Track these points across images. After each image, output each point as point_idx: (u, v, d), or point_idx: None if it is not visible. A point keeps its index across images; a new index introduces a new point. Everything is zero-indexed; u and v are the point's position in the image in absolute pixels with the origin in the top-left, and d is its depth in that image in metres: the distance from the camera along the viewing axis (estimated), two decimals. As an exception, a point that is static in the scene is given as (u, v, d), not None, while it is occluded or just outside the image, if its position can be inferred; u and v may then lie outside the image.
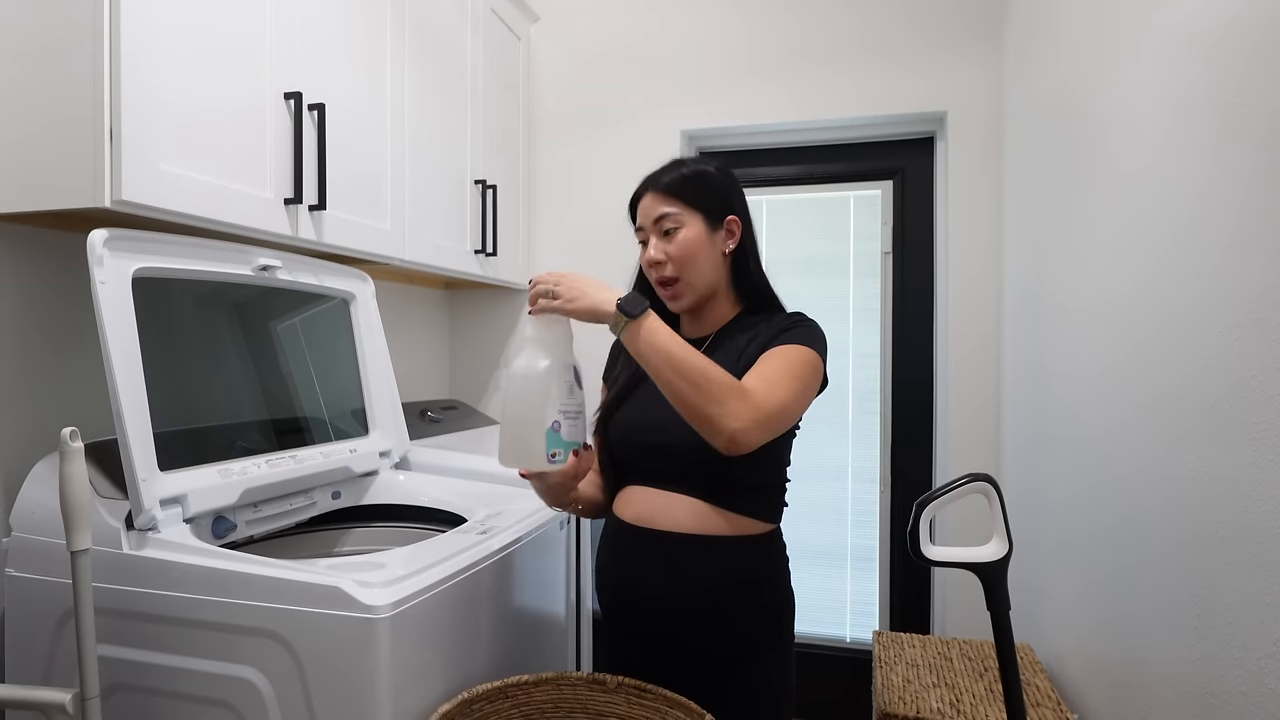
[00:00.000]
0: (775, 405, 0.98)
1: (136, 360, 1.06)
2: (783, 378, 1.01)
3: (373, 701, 0.94)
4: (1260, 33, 0.86)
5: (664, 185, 1.13)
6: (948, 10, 2.17)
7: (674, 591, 1.10)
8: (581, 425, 1.06)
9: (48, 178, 1.07)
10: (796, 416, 1.04)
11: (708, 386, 0.94)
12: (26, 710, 0.90)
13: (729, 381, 0.96)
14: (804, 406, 1.05)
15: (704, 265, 1.13)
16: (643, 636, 1.14)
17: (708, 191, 1.13)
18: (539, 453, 1.01)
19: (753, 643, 1.11)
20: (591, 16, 2.44)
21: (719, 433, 0.95)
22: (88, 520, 0.91)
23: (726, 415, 0.94)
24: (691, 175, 1.14)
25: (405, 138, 1.74)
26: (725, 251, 1.15)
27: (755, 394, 0.97)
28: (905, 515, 2.25)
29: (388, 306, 2.10)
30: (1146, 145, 1.17)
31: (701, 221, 1.12)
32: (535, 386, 1.01)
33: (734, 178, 1.19)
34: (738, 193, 1.18)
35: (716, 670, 1.10)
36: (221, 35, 1.22)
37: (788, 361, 1.03)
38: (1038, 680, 1.52)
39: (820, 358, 1.08)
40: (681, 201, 1.12)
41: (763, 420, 0.96)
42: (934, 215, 2.28)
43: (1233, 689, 0.90)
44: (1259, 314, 0.85)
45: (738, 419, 0.94)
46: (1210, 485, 0.96)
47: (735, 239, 1.15)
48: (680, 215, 1.12)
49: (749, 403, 0.95)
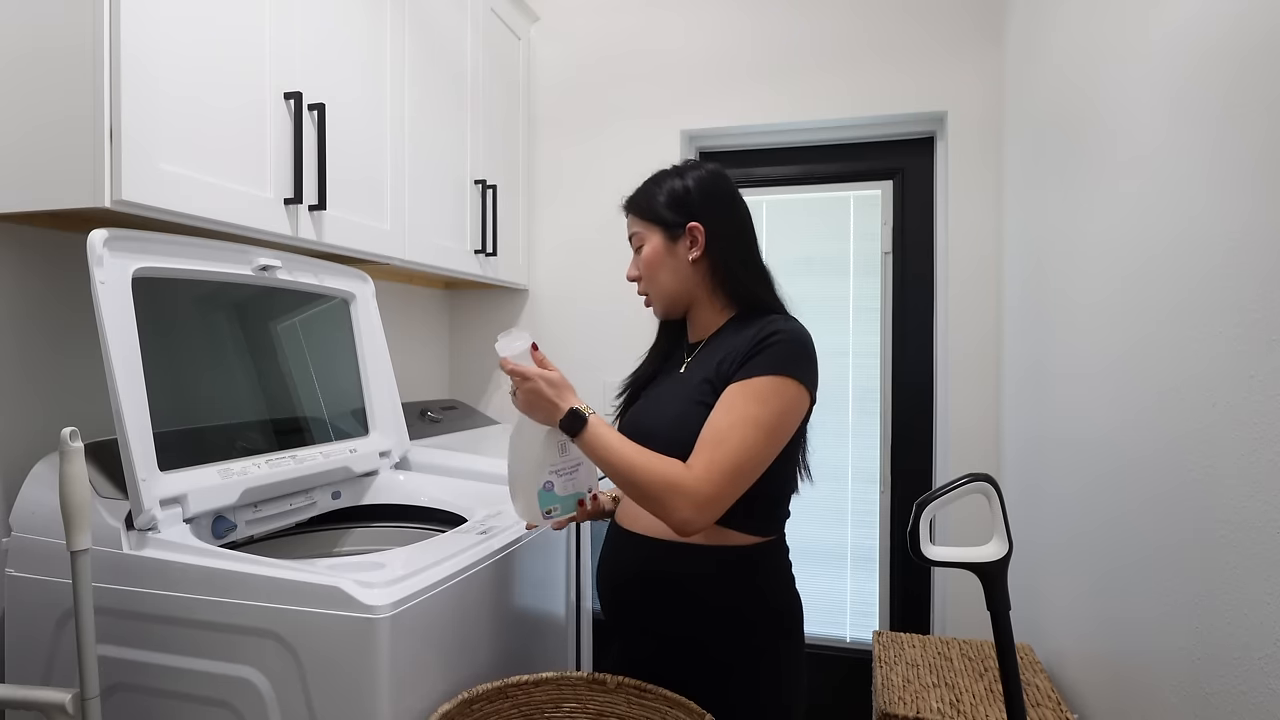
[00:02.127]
0: (717, 482, 0.99)
1: (136, 360, 1.06)
2: (734, 435, 1.01)
3: (373, 701, 0.94)
4: (1261, 30, 0.86)
5: (628, 204, 1.21)
6: (948, 10, 2.17)
7: (648, 595, 1.13)
8: (583, 475, 1.14)
9: (48, 178, 1.07)
10: (758, 464, 1.03)
11: (645, 487, 1.01)
12: (26, 710, 0.90)
13: (664, 478, 1.00)
14: (774, 443, 1.04)
15: (664, 276, 1.16)
16: (625, 635, 1.19)
17: (664, 205, 1.16)
18: (536, 510, 1.13)
19: (736, 651, 1.10)
20: (591, 17, 2.44)
21: (669, 523, 1.02)
22: (88, 520, 0.91)
23: (667, 510, 1.00)
24: (650, 188, 1.18)
25: (405, 138, 1.74)
26: (691, 260, 1.15)
27: (693, 482, 0.99)
28: (905, 515, 2.25)
29: (388, 306, 2.10)
30: (1146, 145, 1.17)
31: (660, 235, 1.16)
32: (526, 452, 1.11)
33: (711, 185, 1.17)
34: (710, 200, 1.16)
35: (702, 675, 1.10)
36: (222, 35, 1.22)
37: (741, 412, 1.02)
38: (1038, 680, 1.52)
39: (791, 378, 1.05)
40: (642, 219, 1.18)
41: (704, 504, 0.99)
42: (934, 215, 2.28)
43: (1233, 689, 0.90)
44: (1259, 314, 0.85)
45: (678, 511, 0.99)
46: (1210, 485, 0.96)
47: (699, 246, 1.14)
48: (642, 233, 1.18)
49: (685, 495, 0.99)
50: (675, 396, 1.13)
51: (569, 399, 1.06)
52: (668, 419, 1.11)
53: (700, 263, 1.15)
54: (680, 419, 1.08)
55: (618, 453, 1.03)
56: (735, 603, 1.10)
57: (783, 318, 1.13)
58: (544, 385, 1.05)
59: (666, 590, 1.11)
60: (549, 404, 1.06)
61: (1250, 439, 0.87)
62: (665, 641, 1.13)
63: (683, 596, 1.10)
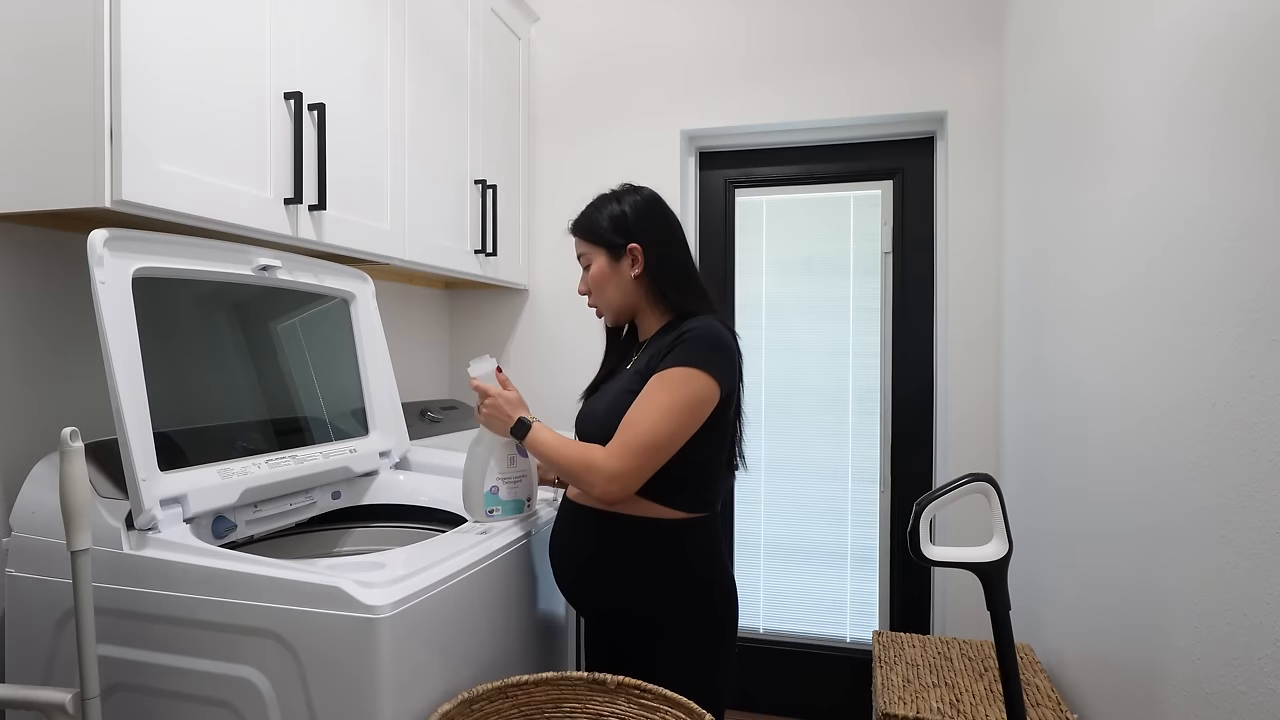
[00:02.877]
0: (627, 457, 1.16)
1: (136, 360, 1.05)
2: (645, 417, 1.17)
3: (373, 701, 0.94)
4: (1260, 27, 0.86)
5: (574, 227, 1.38)
6: (948, 10, 2.17)
7: (571, 563, 1.29)
8: (524, 486, 1.37)
9: (48, 178, 1.07)
10: (670, 443, 1.17)
11: (569, 468, 1.21)
12: (26, 710, 0.90)
13: (581, 459, 1.20)
14: (683, 427, 1.18)
15: (611, 291, 1.33)
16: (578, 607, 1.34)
17: (606, 228, 1.31)
18: (480, 508, 1.33)
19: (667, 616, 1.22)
20: (591, 17, 2.44)
21: (593, 495, 1.20)
22: (88, 520, 0.91)
23: (588, 485, 1.19)
24: (592, 213, 1.35)
25: (405, 138, 1.74)
26: (633, 275, 1.30)
27: (604, 458, 1.17)
28: (905, 515, 2.25)
29: (388, 306, 2.10)
30: (1147, 144, 1.17)
31: (604, 255, 1.32)
32: (479, 461, 1.33)
33: (647, 204, 1.33)
34: (645, 218, 1.31)
35: (637, 641, 1.24)
36: (222, 35, 1.22)
37: (651, 399, 1.18)
38: (1038, 680, 1.52)
39: (699, 369, 1.18)
40: (587, 241, 1.34)
41: (614, 476, 1.16)
42: (934, 215, 2.28)
43: (1233, 689, 0.90)
44: (1259, 314, 0.85)
45: (595, 486, 1.18)
46: (1211, 485, 0.96)
47: (639, 264, 1.30)
48: (588, 254, 1.34)
49: (598, 470, 1.17)
50: (616, 388, 1.29)
51: (519, 412, 1.28)
52: (604, 406, 1.28)
53: (641, 278, 1.31)
54: (613, 406, 1.25)
55: (550, 446, 1.23)
56: (665, 571, 1.23)
57: (702, 318, 1.26)
58: (501, 402, 1.28)
59: (604, 557, 1.25)
60: (504, 416, 1.28)
61: (1250, 439, 0.87)
62: (607, 610, 1.27)
63: (617, 563, 1.24)
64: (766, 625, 2.41)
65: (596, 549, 1.25)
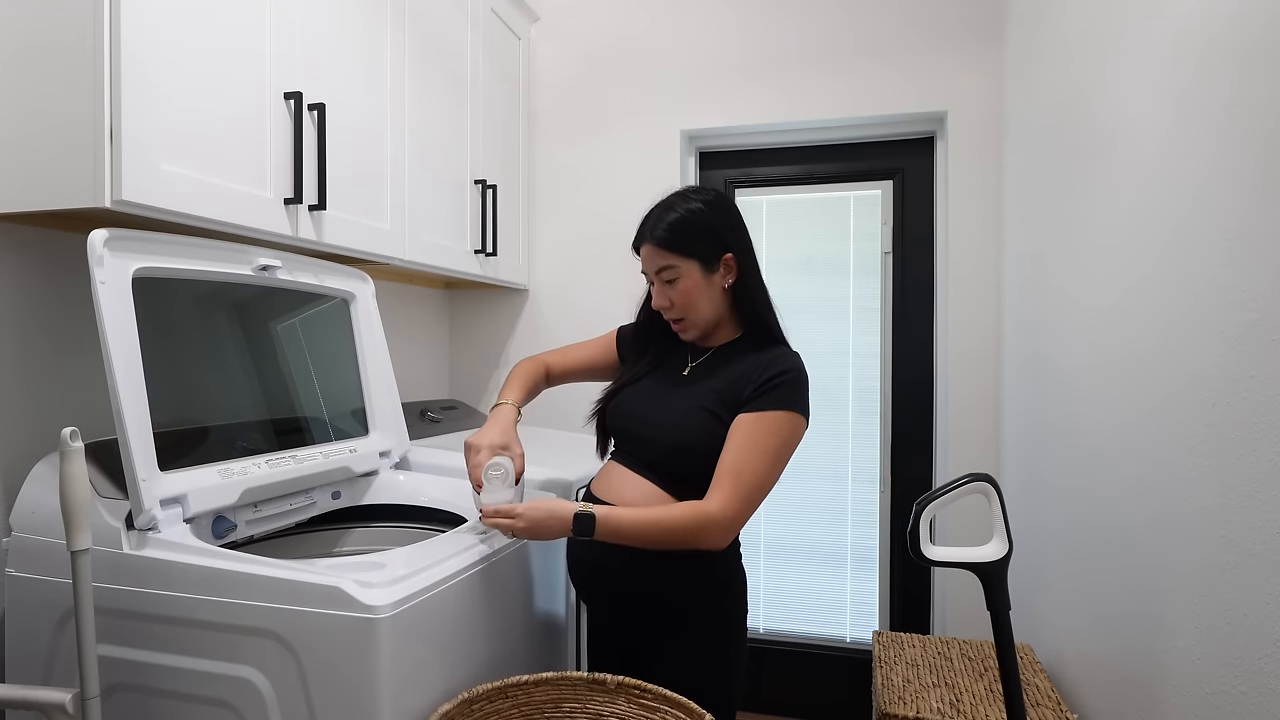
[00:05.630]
0: (741, 507, 1.13)
1: (136, 360, 1.05)
2: (751, 466, 1.14)
3: (373, 701, 0.94)
4: (1261, 29, 0.86)
5: (658, 239, 1.22)
6: (948, 10, 2.17)
7: (593, 551, 1.23)
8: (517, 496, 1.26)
9: (48, 178, 1.07)
10: (769, 488, 1.17)
11: (676, 539, 1.14)
12: (26, 710, 0.90)
13: (691, 522, 1.13)
14: (778, 471, 1.17)
15: (704, 305, 1.24)
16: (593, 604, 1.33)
17: (700, 238, 1.21)
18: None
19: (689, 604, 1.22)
20: (591, 16, 2.44)
21: (702, 548, 1.15)
22: (88, 520, 0.91)
23: (700, 544, 1.14)
24: (681, 223, 1.21)
25: (405, 138, 1.74)
26: (725, 287, 1.24)
27: (719, 514, 1.12)
28: (905, 515, 2.25)
29: (388, 306, 2.10)
30: (1148, 144, 1.17)
31: (698, 268, 1.22)
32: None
33: (728, 208, 1.25)
34: (733, 225, 1.24)
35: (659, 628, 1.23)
36: (222, 35, 1.22)
37: (757, 443, 1.15)
38: (1038, 680, 1.52)
39: (798, 413, 1.17)
40: (676, 254, 1.21)
41: (730, 529, 1.14)
42: (934, 215, 2.28)
43: (1232, 689, 0.90)
44: (1259, 314, 0.85)
45: (709, 541, 1.14)
46: (1210, 485, 0.96)
47: (734, 274, 1.23)
48: (678, 267, 1.22)
49: (715, 528, 1.13)
50: (679, 395, 1.25)
51: (565, 510, 1.14)
52: (670, 413, 1.23)
53: (728, 291, 1.25)
54: (683, 416, 1.21)
55: (636, 525, 1.14)
56: (689, 564, 1.20)
57: (789, 353, 1.23)
58: (539, 515, 1.13)
59: (629, 551, 1.19)
60: (553, 527, 1.14)
61: (1250, 439, 0.87)
62: (628, 602, 1.25)
63: (644, 557, 1.19)
64: (766, 625, 2.41)
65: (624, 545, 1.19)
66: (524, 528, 1.13)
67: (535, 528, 1.13)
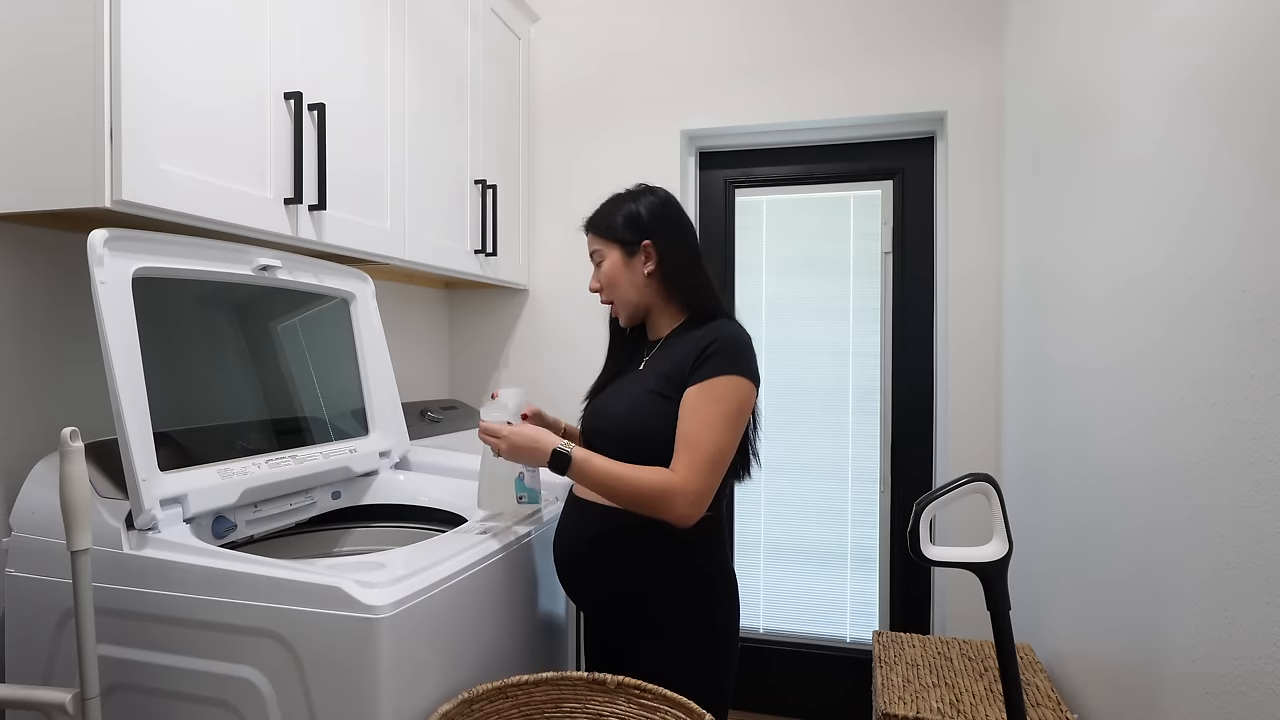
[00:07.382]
0: (702, 475, 1.15)
1: (136, 360, 1.05)
2: (704, 433, 1.17)
3: (373, 701, 0.94)
4: (1262, 24, 0.86)
5: (589, 224, 1.37)
6: (948, 10, 2.17)
7: (577, 552, 1.28)
8: (538, 478, 1.35)
9: (48, 178, 1.07)
10: (729, 452, 1.19)
11: (638, 497, 1.16)
12: (26, 710, 0.90)
13: (655, 486, 1.15)
14: (738, 433, 1.20)
15: (625, 287, 1.32)
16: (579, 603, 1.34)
17: (622, 225, 1.31)
18: (511, 497, 1.32)
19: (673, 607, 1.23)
20: (591, 16, 2.44)
21: (669, 522, 1.17)
22: (88, 520, 0.91)
23: (665, 511, 1.16)
24: (608, 211, 1.34)
25: (405, 138, 1.74)
26: (646, 273, 1.30)
27: (682, 482, 1.15)
28: (905, 515, 2.25)
29: (388, 306, 2.10)
30: (1148, 144, 1.17)
31: (618, 251, 1.32)
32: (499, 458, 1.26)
33: (663, 202, 1.33)
34: (661, 217, 1.32)
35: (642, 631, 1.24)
36: (222, 35, 1.22)
37: (703, 414, 1.18)
38: (1038, 680, 1.52)
39: (739, 375, 1.20)
40: (601, 237, 1.34)
41: (696, 498, 1.15)
42: (934, 215, 2.28)
43: (1233, 689, 0.90)
44: (1259, 313, 0.85)
45: (675, 510, 1.15)
46: (1210, 485, 0.96)
47: (653, 262, 1.30)
48: (601, 250, 1.34)
49: (679, 495, 1.15)
50: (632, 387, 1.30)
51: (547, 444, 1.20)
52: (623, 404, 1.28)
53: (654, 275, 1.31)
54: (635, 405, 1.25)
55: (606, 472, 1.18)
56: (672, 564, 1.23)
57: (724, 322, 1.28)
58: (518, 438, 1.21)
59: (612, 553, 1.24)
60: (532, 455, 1.21)
61: (1250, 439, 0.87)
62: (613, 603, 1.26)
63: (625, 557, 1.23)
64: (766, 625, 2.41)
65: (603, 539, 1.25)
66: (505, 448, 1.21)
67: (515, 451, 1.21)
